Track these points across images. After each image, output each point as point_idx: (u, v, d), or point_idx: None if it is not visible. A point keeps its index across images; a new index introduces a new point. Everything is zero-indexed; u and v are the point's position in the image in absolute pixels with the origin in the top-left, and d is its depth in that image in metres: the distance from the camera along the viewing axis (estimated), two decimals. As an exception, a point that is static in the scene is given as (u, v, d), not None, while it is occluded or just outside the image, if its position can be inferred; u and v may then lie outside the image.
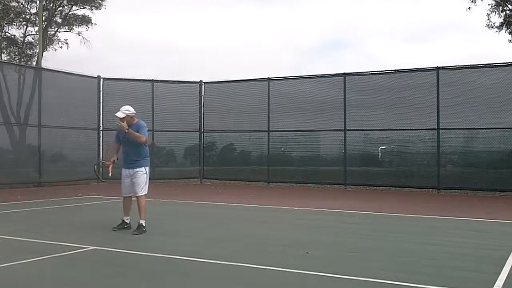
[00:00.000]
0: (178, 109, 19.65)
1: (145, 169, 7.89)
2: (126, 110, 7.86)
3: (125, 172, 7.98)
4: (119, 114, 7.79)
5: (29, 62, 26.93)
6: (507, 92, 14.85)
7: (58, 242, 6.91)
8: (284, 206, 11.72)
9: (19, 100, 18.16)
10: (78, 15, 27.95)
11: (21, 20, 26.68)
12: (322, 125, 17.74)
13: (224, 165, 20.25)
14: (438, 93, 15.59)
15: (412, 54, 55.41)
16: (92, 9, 27.63)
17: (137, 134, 7.76)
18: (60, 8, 27.58)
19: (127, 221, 8.04)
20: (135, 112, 7.95)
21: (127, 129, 7.74)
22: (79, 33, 28.18)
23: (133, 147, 7.87)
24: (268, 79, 18.77)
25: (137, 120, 7.97)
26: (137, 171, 7.85)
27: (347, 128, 17.17)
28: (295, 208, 11.36)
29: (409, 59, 55.85)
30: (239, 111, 19.24)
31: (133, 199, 8.07)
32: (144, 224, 7.76)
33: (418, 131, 16.28)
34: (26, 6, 26.73)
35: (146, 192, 7.93)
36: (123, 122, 7.76)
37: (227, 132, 19.79)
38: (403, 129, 16.43)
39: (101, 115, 18.61)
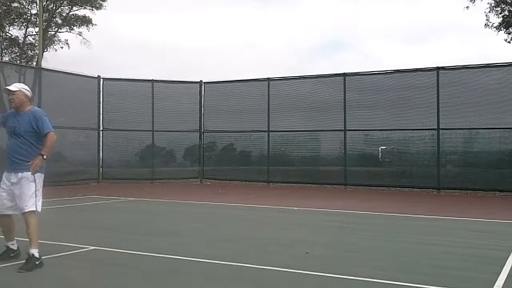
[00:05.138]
0: (178, 109, 19.62)
1: (34, 176, 5.49)
2: (22, 86, 5.79)
3: (6, 176, 5.62)
4: (11, 87, 5.67)
5: (30, 63, 26.97)
6: (507, 92, 14.86)
7: (58, 242, 6.89)
8: (284, 206, 11.71)
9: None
10: (79, 16, 28.07)
11: (22, 20, 26.77)
12: (322, 125, 17.74)
13: (224, 165, 20.24)
14: (438, 93, 15.60)
15: (412, 55, 55.57)
16: (92, 10, 27.75)
17: (50, 145, 5.54)
18: (60, 9, 27.65)
19: (14, 247, 5.82)
20: (31, 94, 5.86)
21: (43, 156, 5.49)
22: (79, 33, 28.28)
23: (23, 143, 5.55)
24: (268, 79, 18.77)
25: (32, 106, 5.79)
26: (23, 177, 5.48)
27: (347, 128, 17.17)
28: (295, 208, 11.35)
29: (409, 60, 56.08)
30: (239, 111, 19.22)
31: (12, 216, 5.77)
32: (37, 255, 5.40)
33: (418, 131, 16.27)
34: (27, 6, 26.81)
35: (39, 210, 5.55)
36: (14, 96, 5.62)
37: (227, 132, 19.77)
38: (403, 129, 16.43)
39: (101, 115, 18.58)
